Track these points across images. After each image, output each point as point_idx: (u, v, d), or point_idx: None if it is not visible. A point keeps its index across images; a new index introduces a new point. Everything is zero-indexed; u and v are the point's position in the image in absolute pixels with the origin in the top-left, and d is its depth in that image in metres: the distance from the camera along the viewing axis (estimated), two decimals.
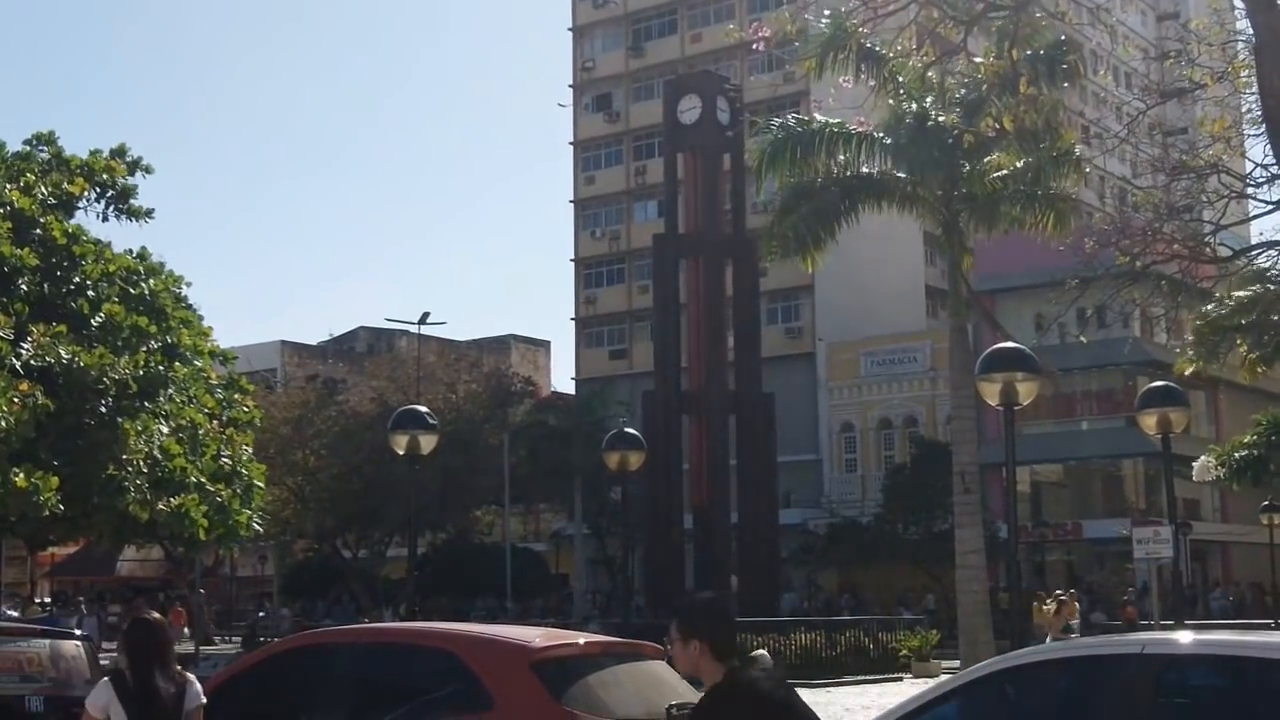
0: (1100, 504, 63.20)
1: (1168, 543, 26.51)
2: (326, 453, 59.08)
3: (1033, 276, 48.82)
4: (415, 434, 21.50)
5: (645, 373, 56.83)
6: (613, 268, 78.79)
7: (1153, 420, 20.32)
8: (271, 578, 67.92)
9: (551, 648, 9.36)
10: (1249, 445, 45.82)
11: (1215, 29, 17.19)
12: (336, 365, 78.75)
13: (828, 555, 60.89)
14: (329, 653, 10.36)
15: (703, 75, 48.94)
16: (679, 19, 78.28)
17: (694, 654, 6.04)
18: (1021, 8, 13.87)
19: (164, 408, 25.93)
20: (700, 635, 6.03)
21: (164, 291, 28.67)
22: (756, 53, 45.92)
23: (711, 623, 6.08)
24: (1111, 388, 60.29)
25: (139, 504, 24.27)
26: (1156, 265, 20.84)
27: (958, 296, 30.83)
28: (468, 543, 66.46)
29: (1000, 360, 16.78)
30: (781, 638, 36.90)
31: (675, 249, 43.71)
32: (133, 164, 28.75)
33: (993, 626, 29.45)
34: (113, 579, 75.14)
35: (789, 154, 29.81)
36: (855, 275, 66.03)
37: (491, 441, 61.73)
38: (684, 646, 6.10)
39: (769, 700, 5.92)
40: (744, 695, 5.89)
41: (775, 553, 44.45)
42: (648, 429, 39.05)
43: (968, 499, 29.51)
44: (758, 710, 5.88)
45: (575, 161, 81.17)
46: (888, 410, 66.94)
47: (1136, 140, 20.08)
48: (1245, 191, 18.92)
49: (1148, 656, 7.24)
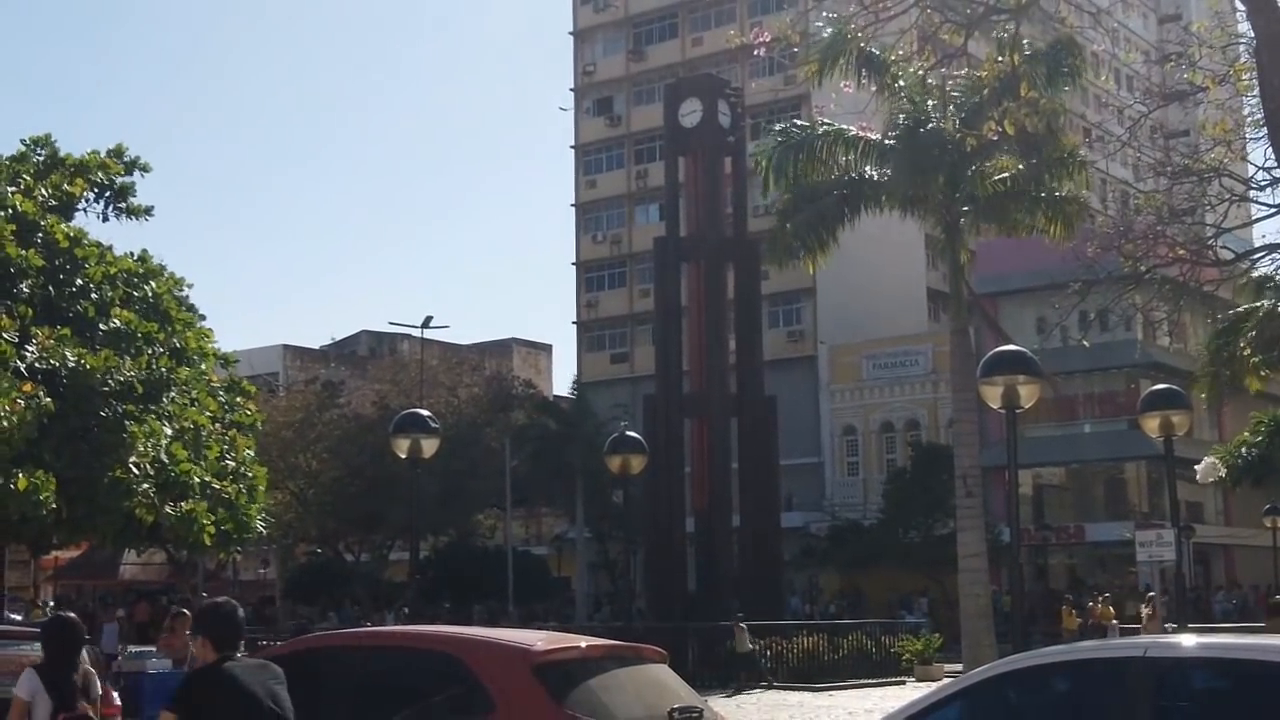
0: (1103, 507, 63.19)
1: (1170, 546, 26.50)
2: (328, 456, 59.11)
3: (1035, 279, 48.82)
4: (417, 437, 21.48)
5: (647, 376, 56.84)
6: (614, 271, 78.80)
7: (1155, 423, 20.29)
8: (274, 581, 67.83)
9: (553, 651, 9.36)
10: (1251, 445, 45.87)
11: (1216, 32, 17.19)
12: (338, 369, 78.77)
13: (829, 558, 60.91)
14: (331, 656, 10.36)
15: (704, 79, 48.87)
16: (680, 22, 78.32)
17: (200, 647, 7.38)
18: (1022, 12, 13.88)
19: (167, 409, 25.91)
20: (205, 632, 7.36)
21: (166, 294, 28.65)
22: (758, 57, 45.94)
23: (215, 623, 7.37)
24: (1113, 390, 60.29)
25: (145, 507, 24.26)
26: (1159, 268, 20.83)
27: (959, 299, 30.84)
28: (469, 546, 66.42)
29: (1002, 363, 16.76)
30: (784, 641, 36.90)
31: (676, 252, 43.67)
32: (130, 163, 28.73)
33: (995, 629, 29.46)
34: (116, 583, 75.06)
35: (793, 160, 29.86)
36: (857, 278, 66.03)
37: (493, 445, 61.73)
38: (195, 640, 7.63)
39: (240, 688, 7.09)
40: (219, 677, 7.14)
41: (777, 556, 44.42)
42: (649, 432, 39.04)
43: (970, 502, 29.51)
44: (229, 694, 7.05)
45: (576, 165, 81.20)
46: (889, 413, 66.95)
47: (1138, 143, 20.10)
48: (1247, 195, 18.92)
49: (1151, 660, 7.24)
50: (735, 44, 20.36)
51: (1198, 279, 22.64)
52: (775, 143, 30.61)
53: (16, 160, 28.15)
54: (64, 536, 28.97)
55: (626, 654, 10.03)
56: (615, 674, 9.49)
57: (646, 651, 10.10)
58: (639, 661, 9.86)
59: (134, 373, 24.53)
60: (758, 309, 45.28)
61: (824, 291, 67.79)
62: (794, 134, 30.48)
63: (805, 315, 71.00)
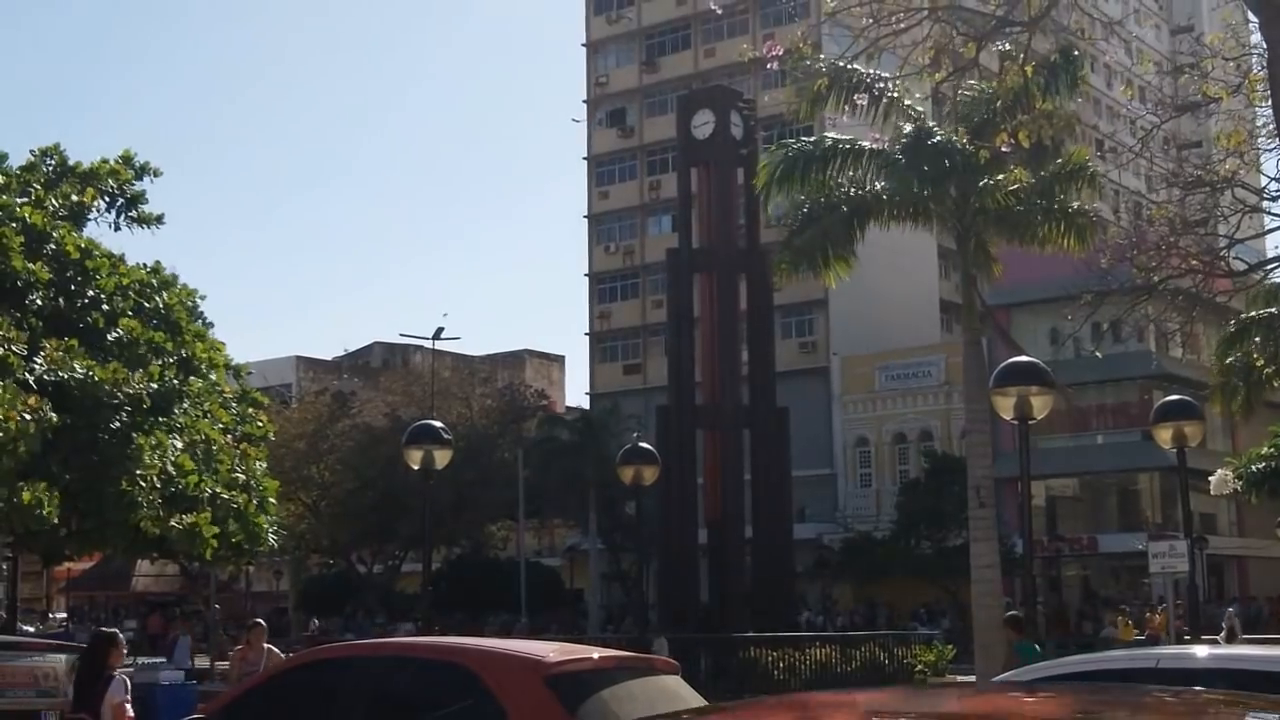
0: (1116, 518, 63.05)
1: (1183, 557, 26.39)
2: (341, 467, 59.16)
3: (1048, 290, 48.58)
4: (430, 448, 21.49)
5: (659, 387, 56.83)
6: (626, 282, 78.82)
7: (1168, 434, 20.28)
8: (287, 593, 67.94)
9: (565, 662, 9.35)
10: (1266, 458, 45.67)
11: (1230, 43, 17.17)
12: (351, 380, 78.89)
13: (843, 570, 60.82)
14: (344, 667, 10.37)
15: (716, 90, 48.85)
16: (692, 34, 78.36)
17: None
18: (1035, 23, 13.88)
19: (178, 421, 25.92)
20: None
21: (178, 305, 28.66)
22: (770, 69, 46.00)
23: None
24: (1126, 401, 60.19)
25: (151, 520, 24.27)
26: (1171, 279, 20.80)
27: (971, 310, 30.76)
28: (482, 557, 66.49)
29: (1015, 374, 16.76)
30: (797, 652, 36.82)
31: (689, 263, 43.64)
32: (140, 168, 28.65)
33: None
34: (129, 594, 75.22)
35: (799, 173, 29.82)
36: (869, 289, 65.94)
37: (505, 456, 61.75)
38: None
39: None
40: None
41: (790, 567, 44.33)
42: (662, 443, 38.96)
43: (983, 513, 29.41)
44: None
45: (589, 176, 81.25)
46: (902, 424, 66.87)
47: (1151, 154, 20.07)
48: (1260, 205, 18.89)
49: (1163, 671, 7.24)
50: (747, 57, 20.35)
51: (1210, 290, 22.60)
52: (775, 157, 30.58)
53: (26, 170, 28.17)
54: (75, 548, 29.02)
55: (639, 665, 10.04)
56: (627, 685, 9.48)
57: (658, 663, 10.11)
58: (651, 673, 9.87)
59: (142, 385, 24.54)
60: (770, 320, 45.23)
61: (836, 302, 67.75)
62: (798, 148, 30.44)
63: (818, 326, 70.97)
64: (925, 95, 28.69)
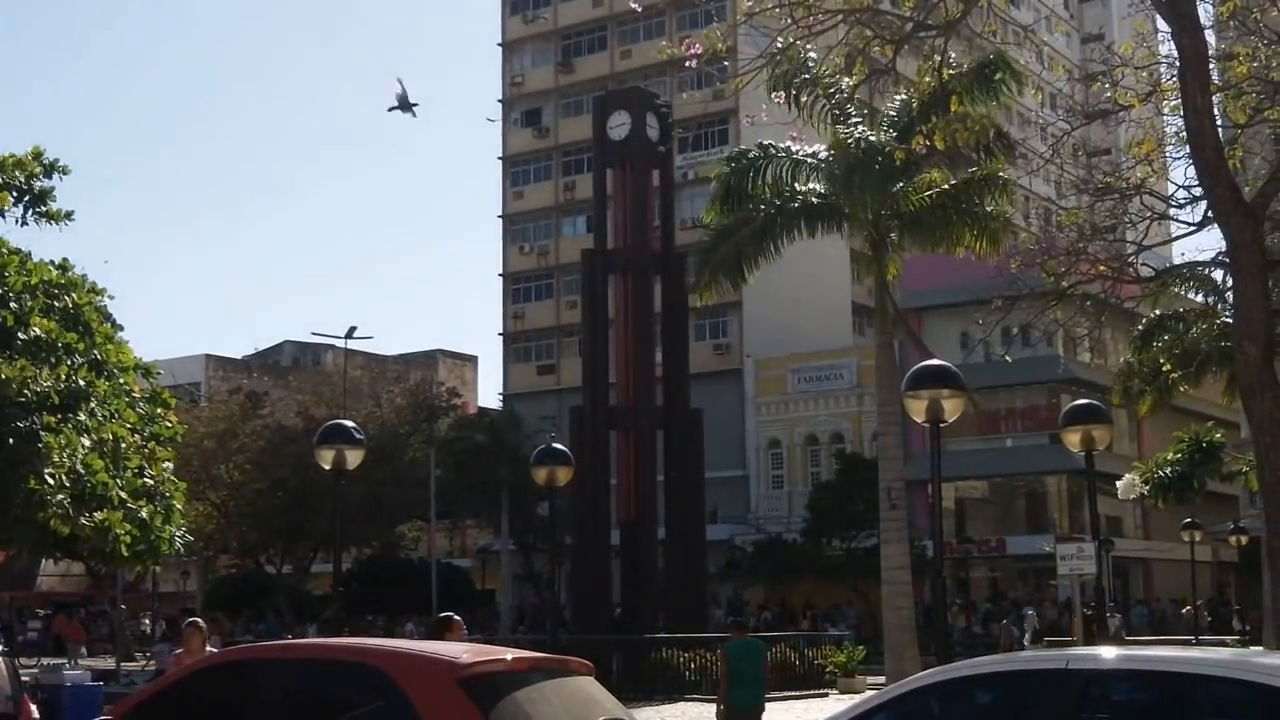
0: (1024, 520, 63.76)
1: (1091, 559, 26.75)
2: (251, 467, 58.59)
3: (958, 295, 49.25)
4: (341, 448, 21.31)
5: (573, 388, 56.77)
6: (541, 283, 78.73)
7: (1076, 437, 20.51)
8: (195, 593, 67.17)
9: (479, 664, 9.30)
10: (1172, 463, 46.40)
11: (1141, 52, 17.38)
12: (261, 379, 78.17)
13: (755, 571, 61.07)
14: (253, 669, 10.27)
15: (632, 91, 48.92)
16: (609, 35, 78.40)
17: None
18: (950, 28, 13.99)
19: (86, 423, 25.54)
20: None
21: (87, 305, 28.22)
22: (686, 70, 46.05)
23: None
24: (1035, 405, 60.92)
25: (60, 518, 23.90)
26: (1080, 285, 21.04)
27: (884, 314, 30.99)
28: (393, 558, 66.09)
29: (926, 377, 16.88)
30: (709, 654, 36.91)
31: (604, 265, 43.64)
32: (49, 166, 28.15)
33: (918, 642, 29.61)
34: (33, 594, 74.16)
35: (739, 189, 30.18)
36: (783, 292, 66.25)
37: (417, 455, 61.45)
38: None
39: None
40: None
41: (703, 569, 44.44)
42: (576, 444, 38.94)
43: (894, 515, 29.64)
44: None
45: (504, 176, 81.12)
46: (814, 426, 67.24)
47: (1061, 161, 20.28)
48: (1167, 213, 19.12)
49: (1073, 671, 7.30)
50: (665, 56, 20.31)
51: (1119, 295, 22.89)
52: (722, 187, 30.96)
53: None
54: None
55: (553, 666, 10.01)
56: (541, 686, 9.46)
57: (572, 664, 10.09)
58: (565, 674, 9.84)
59: (50, 383, 24.17)
60: (685, 322, 45.34)
61: (750, 305, 68.04)
62: (742, 161, 30.79)
63: (732, 329, 71.25)
64: (852, 98, 28.97)
